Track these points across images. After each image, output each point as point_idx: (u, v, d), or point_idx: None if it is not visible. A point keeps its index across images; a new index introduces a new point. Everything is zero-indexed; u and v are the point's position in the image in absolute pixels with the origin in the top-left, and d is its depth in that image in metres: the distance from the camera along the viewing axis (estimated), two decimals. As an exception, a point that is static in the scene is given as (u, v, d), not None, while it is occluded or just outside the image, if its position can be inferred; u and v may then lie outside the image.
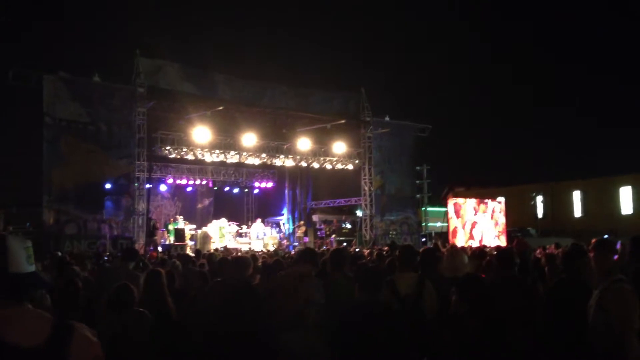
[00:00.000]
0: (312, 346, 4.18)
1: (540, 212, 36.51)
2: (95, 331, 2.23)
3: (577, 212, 40.73)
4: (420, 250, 6.34)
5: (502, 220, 26.45)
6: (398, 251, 5.50)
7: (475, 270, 6.10)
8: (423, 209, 30.92)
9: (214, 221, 25.09)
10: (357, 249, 15.66)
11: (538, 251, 12.04)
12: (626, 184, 38.42)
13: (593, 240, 4.27)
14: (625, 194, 38.46)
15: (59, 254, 11.65)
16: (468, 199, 26.49)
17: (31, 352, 2.02)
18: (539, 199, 36.55)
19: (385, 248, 10.92)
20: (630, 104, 52.11)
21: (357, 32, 61.96)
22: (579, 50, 57.25)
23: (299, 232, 26.14)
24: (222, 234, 23.92)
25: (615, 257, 4.21)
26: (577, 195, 40.90)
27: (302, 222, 27.50)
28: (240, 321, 4.59)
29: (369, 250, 14.02)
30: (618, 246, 6.62)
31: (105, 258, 11.11)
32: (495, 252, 6.38)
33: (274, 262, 7.14)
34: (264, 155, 23.33)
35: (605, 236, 22.14)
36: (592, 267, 4.23)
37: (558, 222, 38.08)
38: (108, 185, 19.55)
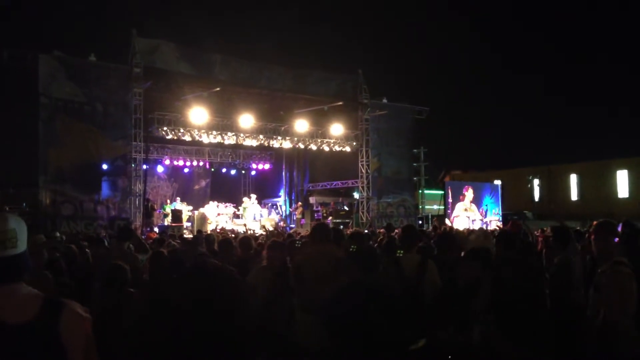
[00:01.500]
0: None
1: (537, 196, 36.60)
2: (87, 308, 2.25)
3: (574, 195, 40.86)
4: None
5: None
6: (400, 232, 5.45)
7: None
8: (420, 191, 31.02)
9: (211, 202, 25.10)
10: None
11: (537, 233, 12.08)
12: (622, 167, 38.52)
13: (594, 223, 4.23)
14: (622, 178, 38.58)
15: (57, 234, 11.66)
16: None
17: (20, 328, 2.07)
18: (536, 182, 36.63)
19: (381, 230, 10.94)
20: (627, 89, 52.01)
21: (355, 13, 61.57)
22: (579, 36, 57.04)
23: (297, 214, 26.17)
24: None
25: (617, 239, 4.14)
26: (573, 179, 41.00)
27: (299, 204, 27.53)
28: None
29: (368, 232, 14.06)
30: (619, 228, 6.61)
31: (106, 241, 11.08)
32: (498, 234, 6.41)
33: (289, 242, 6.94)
34: (261, 136, 23.26)
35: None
36: (592, 249, 4.20)
37: (555, 206, 38.20)
38: (105, 166, 19.51)
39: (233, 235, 16.18)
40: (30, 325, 2.07)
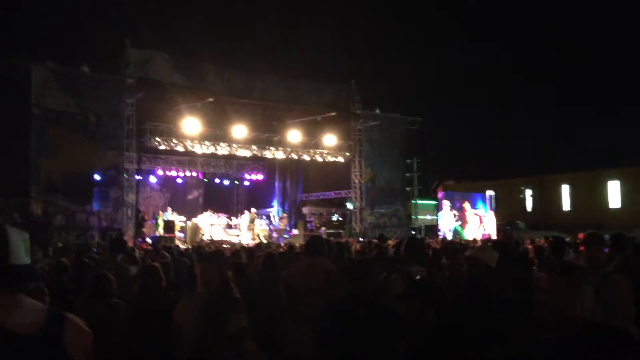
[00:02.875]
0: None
1: (529, 206, 36.73)
2: (86, 322, 2.28)
3: (566, 205, 41.00)
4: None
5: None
6: (405, 243, 5.36)
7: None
8: (413, 201, 31.08)
9: (204, 213, 25.05)
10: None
11: (527, 243, 12.13)
12: (614, 178, 38.71)
13: (580, 235, 4.28)
14: (613, 188, 38.75)
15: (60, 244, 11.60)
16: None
17: (28, 339, 2.08)
18: (528, 192, 36.75)
19: (375, 240, 10.94)
20: (619, 99, 52.35)
21: (348, 24, 61.82)
22: (572, 45, 57.40)
23: (281, 225, 26.09)
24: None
25: (606, 250, 4.20)
26: (565, 189, 41.16)
27: (284, 215, 27.56)
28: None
29: (360, 244, 14.08)
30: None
31: (94, 250, 11.03)
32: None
33: (283, 253, 6.89)
34: (254, 147, 23.28)
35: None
36: (582, 259, 4.23)
37: (547, 216, 38.33)
38: (97, 177, 19.48)
39: (228, 246, 16.23)
40: (37, 336, 2.08)
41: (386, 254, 7.80)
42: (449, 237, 24.02)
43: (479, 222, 26.56)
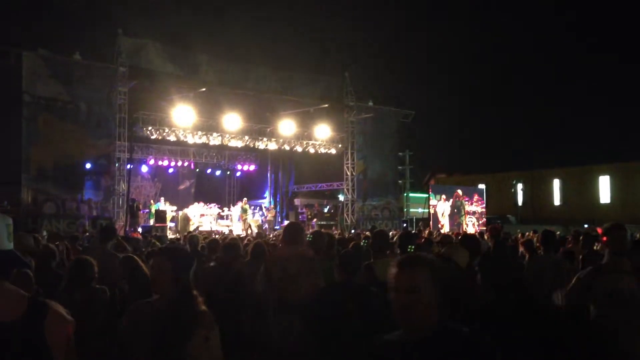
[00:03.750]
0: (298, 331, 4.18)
1: (520, 200, 36.89)
2: (68, 310, 2.26)
3: (557, 200, 41.21)
4: (401, 233, 6.38)
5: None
6: (370, 238, 5.46)
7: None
8: (405, 194, 31.13)
9: (195, 203, 25.00)
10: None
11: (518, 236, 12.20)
12: (604, 173, 38.95)
13: (599, 229, 4.30)
14: (604, 183, 38.98)
15: (45, 233, 11.56)
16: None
17: (7, 326, 2.07)
18: (519, 186, 36.92)
19: (367, 233, 10.96)
20: (611, 95, 52.58)
21: (341, 16, 61.66)
22: (566, 41, 57.53)
23: (269, 216, 26.06)
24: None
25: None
26: (556, 184, 41.36)
27: (272, 207, 27.56)
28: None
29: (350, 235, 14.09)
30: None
31: (86, 239, 11.01)
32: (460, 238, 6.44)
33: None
34: (246, 137, 23.24)
35: (585, 225, 22.44)
36: (606, 249, 4.22)
37: (538, 210, 38.53)
38: (88, 165, 19.38)
39: (218, 237, 16.21)
40: (16, 324, 2.07)
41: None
42: (447, 227, 24.31)
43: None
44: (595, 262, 4.54)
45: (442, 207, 25.86)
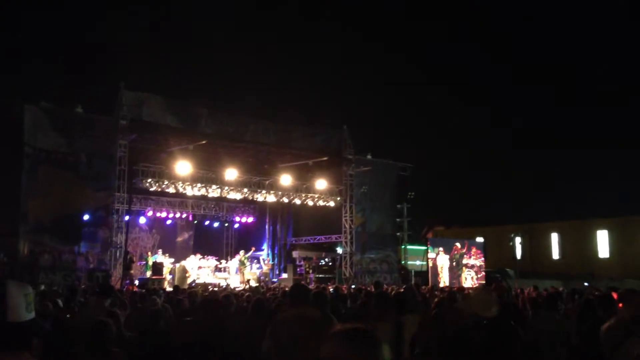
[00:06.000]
0: None
1: (518, 254, 36.72)
2: None
3: (555, 254, 41.04)
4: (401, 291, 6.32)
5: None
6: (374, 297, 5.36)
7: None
8: (403, 247, 30.98)
9: (192, 256, 24.81)
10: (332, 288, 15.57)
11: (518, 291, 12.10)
12: (603, 227, 38.89)
13: (614, 294, 4.31)
14: (602, 238, 38.90)
15: (42, 287, 11.43)
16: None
17: None
18: (518, 239, 36.80)
19: (369, 289, 10.82)
20: (610, 150, 52.92)
21: (340, 69, 62.74)
22: (565, 90, 58.35)
23: (266, 269, 25.88)
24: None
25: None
26: (554, 238, 41.26)
27: (268, 259, 27.43)
28: None
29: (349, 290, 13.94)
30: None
31: (81, 293, 10.87)
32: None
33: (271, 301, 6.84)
34: (245, 189, 23.27)
35: (586, 284, 22.27)
36: (623, 314, 4.20)
37: (536, 264, 38.28)
38: (86, 217, 19.36)
39: (216, 289, 16.07)
40: None
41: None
42: (446, 281, 24.11)
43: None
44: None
45: (441, 260, 25.68)
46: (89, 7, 53.18)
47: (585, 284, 22.95)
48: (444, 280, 24.78)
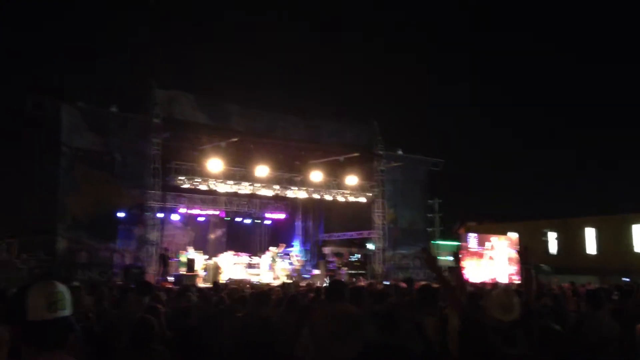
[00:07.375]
0: None
1: (554, 249, 36.15)
2: None
3: (591, 249, 40.29)
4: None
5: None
6: (415, 292, 5.34)
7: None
8: (434, 242, 30.82)
9: (226, 252, 24.99)
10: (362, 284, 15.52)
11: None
12: (638, 222, 38.05)
13: None
14: (638, 232, 38.05)
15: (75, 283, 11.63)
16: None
17: None
18: (553, 235, 36.24)
19: (403, 284, 10.70)
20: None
21: (370, 64, 62.56)
22: (593, 92, 57.35)
23: (298, 265, 25.94)
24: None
25: None
26: (590, 232, 40.50)
27: (299, 255, 27.47)
28: None
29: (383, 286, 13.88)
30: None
31: (119, 289, 11.06)
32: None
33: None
34: (276, 186, 23.35)
35: (626, 279, 21.79)
36: None
37: (572, 259, 37.65)
38: (121, 214, 19.67)
39: (248, 286, 16.17)
40: None
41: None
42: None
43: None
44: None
45: (474, 256, 25.46)
46: (125, 11, 53.96)
47: (625, 279, 22.44)
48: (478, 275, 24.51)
